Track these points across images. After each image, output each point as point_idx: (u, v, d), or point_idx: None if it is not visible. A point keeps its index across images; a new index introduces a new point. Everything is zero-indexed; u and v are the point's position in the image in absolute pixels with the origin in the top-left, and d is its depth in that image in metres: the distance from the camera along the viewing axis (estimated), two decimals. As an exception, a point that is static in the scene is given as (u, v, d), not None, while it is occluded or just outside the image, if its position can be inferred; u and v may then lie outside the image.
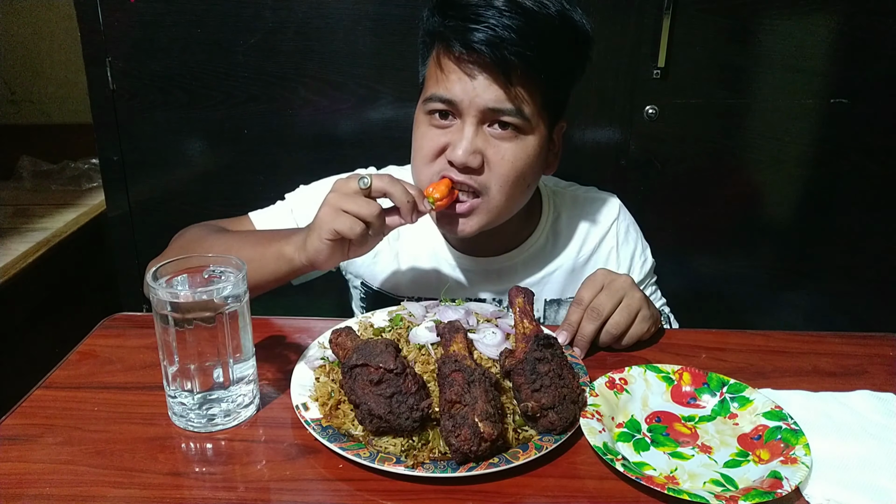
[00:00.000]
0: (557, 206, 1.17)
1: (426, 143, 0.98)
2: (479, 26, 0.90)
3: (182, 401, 0.75)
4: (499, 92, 0.93)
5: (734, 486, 0.68)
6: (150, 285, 0.72)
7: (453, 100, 0.94)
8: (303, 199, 1.16)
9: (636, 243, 1.19)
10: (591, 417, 0.74)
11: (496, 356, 0.82)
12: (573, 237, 1.16)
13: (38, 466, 0.70)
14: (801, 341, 0.97)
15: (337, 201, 0.87)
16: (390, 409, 0.69)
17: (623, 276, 0.93)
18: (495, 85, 0.93)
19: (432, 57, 0.98)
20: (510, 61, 0.90)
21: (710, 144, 1.62)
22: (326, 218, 0.87)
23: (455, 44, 0.92)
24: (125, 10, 1.52)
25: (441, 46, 0.96)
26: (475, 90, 0.93)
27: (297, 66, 1.56)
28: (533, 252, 1.13)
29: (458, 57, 0.93)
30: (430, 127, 0.98)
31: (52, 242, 1.70)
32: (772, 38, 1.52)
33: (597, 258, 1.16)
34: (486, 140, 0.96)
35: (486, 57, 0.91)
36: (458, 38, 0.92)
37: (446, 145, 0.97)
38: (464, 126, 0.95)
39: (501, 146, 0.96)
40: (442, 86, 0.95)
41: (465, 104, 0.94)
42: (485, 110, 0.94)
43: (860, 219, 1.65)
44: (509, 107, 0.93)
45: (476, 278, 1.13)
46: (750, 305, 1.76)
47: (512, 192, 0.99)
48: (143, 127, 1.61)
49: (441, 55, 0.96)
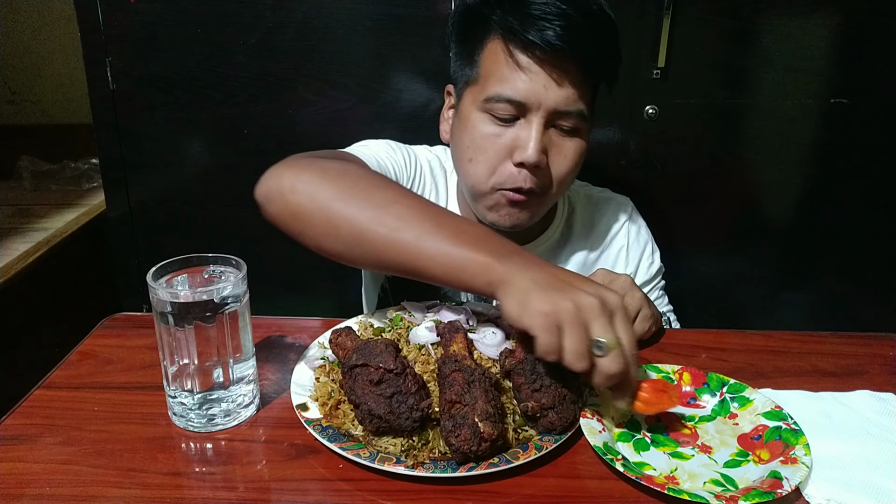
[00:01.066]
0: (572, 203, 1.17)
1: (490, 143, 0.96)
2: (552, 23, 0.88)
3: (182, 401, 0.75)
4: (570, 92, 0.92)
5: (734, 486, 0.68)
6: (150, 285, 0.72)
7: (524, 101, 0.92)
8: (384, 150, 1.09)
9: (646, 245, 1.19)
10: (591, 417, 0.74)
11: (496, 356, 0.82)
12: (586, 234, 1.16)
13: (38, 466, 0.70)
14: (801, 341, 0.97)
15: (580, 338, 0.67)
16: (390, 409, 0.69)
17: (623, 276, 0.93)
18: (566, 84, 0.92)
19: (488, 53, 0.95)
20: (582, 61, 0.91)
21: (710, 144, 1.62)
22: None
23: (530, 40, 0.89)
24: (125, 10, 1.52)
25: (505, 41, 0.93)
26: (547, 91, 0.91)
27: (297, 66, 1.56)
28: (548, 247, 1.14)
29: (528, 55, 0.91)
30: (492, 125, 0.96)
31: (52, 242, 1.70)
32: (772, 38, 1.52)
33: (607, 256, 1.17)
34: (550, 139, 0.96)
35: (562, 54, 0.89)
36: (533, 33, 0.89)
37: (512, 146, 0.95)
38: (531, 125, 0.94)
39: (564, 145, 0.97)
40: (508, 85, 0.93)
41: (534, 105, 0.92)
42: (553, 111, 0.93)
43: (860, 219, 1.65)
44: (576, 108, 0.94)
45: None
46: (750, 305, 1.76)
47: (562, 190, 1.01)
48: (143, 127, 1.61)
49: (510, 50, 0.93)
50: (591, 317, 0.67)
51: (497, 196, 0.99)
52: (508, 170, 0.96)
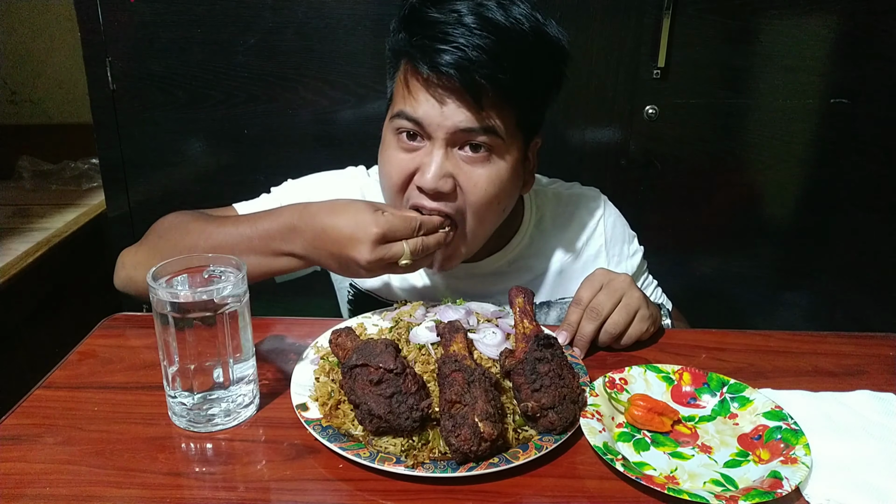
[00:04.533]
0: (541, 207, 1.14)
1: (394, 169, 0.94)
2: (448, 47, 0.85)
3: (182, 401, 0.75)
4: (468, 115, 0.88)
5: (734, 486, 0.68)
6: (150, 285, 0.72)
7: (421, 121, 0.90)
8: (290, 194, 1.11)
9: (623, 236, 1.16)
10: (591, 417, 0.74)
11: (496, 356, 0.82)
12: (560, 236, 1.13)
13: (38, 466, 0.70)
14: (801, 341, 0.97)
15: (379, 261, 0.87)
16: (390, 409, 0.69)
17: (622, 276, 0.93)
18: (464, 108, 0.88)
19: (399, 73, 0.94)
20: (480, 84, 0.86)
21: (710, 144, 1.62)
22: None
23: (422, 65, 0.87)
24: (125, 10, 1.52)
25: (408, 65, 0.91)
26: (443, 113, 0.88)
27: (297, 66, 1.56)
28: (518, 254, 1.11)
29: (425, 79, 0.88)
30: (397, 150, 0.94)
31: (52, 242, 1.70)
32: (772, 38, 1.52)
33: (586, 257, 1.14)
34: (457, 165, 0.91)
35: (454, 80, 0.86)
36: (425, 59, 0.87)
37: (415, 170, 0.92)
38: (433, 149, 0.90)
39: (474, 172, 0.92)
40: (409, 105, 0.90)
41: (433, 126, 0.89)
42: (455, 132, 0.89)
43: (860, 219, 1.65)
44: (479, 126, 0.89)
45: (462, 283, 1.10)
46: (750, 305, 1.76)
47: (487, 218, 0.96)
48: (143, 127, 1.61)
49: (408, 74, 0.91)
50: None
51: None
52: (414, 191, 0.94)
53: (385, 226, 0.86)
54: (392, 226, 0.86)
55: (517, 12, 0.88)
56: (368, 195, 1.11)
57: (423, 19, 0.89)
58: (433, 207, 0.92)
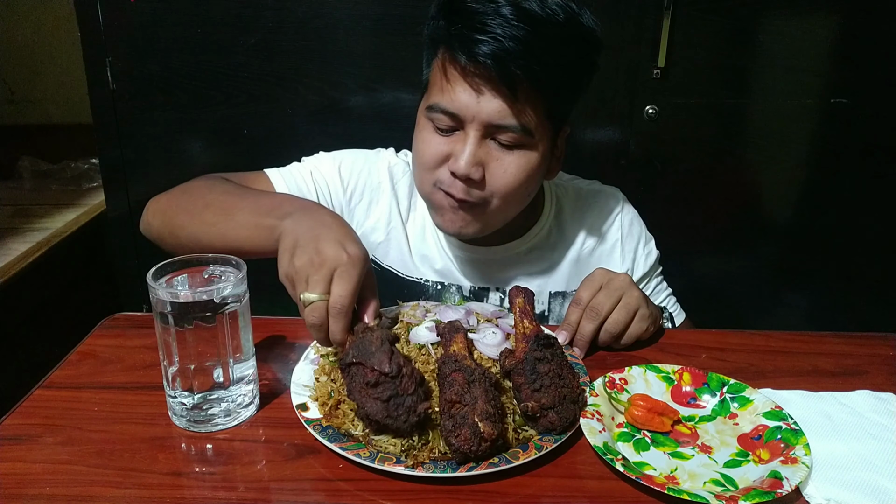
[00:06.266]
0: (560, 199, 1.16)
1: (428, 150, 0.97)
2: (485, 37, 0.87)
3: (182, 401, 0.75)
4: (503, 106, 0.91)
5: (734, 486, 0.68)
6: (150, 285, 0.72)
7: (457, 113, 0.93)
8: (321, 164, 1.13)
9: (640, 236, 1.18)
10: (591, 417, 0.74)
11: (496, 356, 0.82)
12: (577, 229, 1.15)
13: (38, 466, 0.70)
14: (801, 341, 0.97)
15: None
16: (387, 413, 0.68)
17: (621, 275, 0.93)
18: (499, 99, 0.90)
19: (437, 62, 0.96)
20: (516, 75, 0.88)
21: (710, 144, 1.62)
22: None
23: (460, 54, 0.89)
24: (125, 10, 1.52)
25: (445, 53, 0.94)
26: (479, 104, 0.91)
27: (297, 66, 1.56)
28: (535, 243, 1.13)
29: (462, 68, 0.90)
30: (432, 133, 0.97)
31: (52, 242, 1.70)
32: (772, 38, 1.52)
33: (601, 251, 1.16)
34: (489, 152, 0.95)
35: (490, 70, 0.88)
36: (463, 48, 0.89)
37: (449, 154, 0.95)
38: (466, 137, 0.94)
39: (504, 159, 0.95)
40: (446, 96, 0.93)
41: (468, 118, 0.92)
42: (488, 125, 0.92)
43: (860, 219, 1.65)
44: (513, 123, 0.92)
45: (478, 268, 1.12)
46: (750, 305, 1.76)
47: (512, 202, 0.99)
48: (143, 127, 1.61)
49: (446, 63, 0.94)
50: (306, 274, 0.76)
51: (440, 196, 0.99)
52: (446, 174, 0.97)
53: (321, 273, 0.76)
54: (319, 287, 0.75)
55: (553, 3, 0.90)
56: (395, 173, 1.14)
57: (462, 8, 0.91)
58: (462, 198, 0.95)
